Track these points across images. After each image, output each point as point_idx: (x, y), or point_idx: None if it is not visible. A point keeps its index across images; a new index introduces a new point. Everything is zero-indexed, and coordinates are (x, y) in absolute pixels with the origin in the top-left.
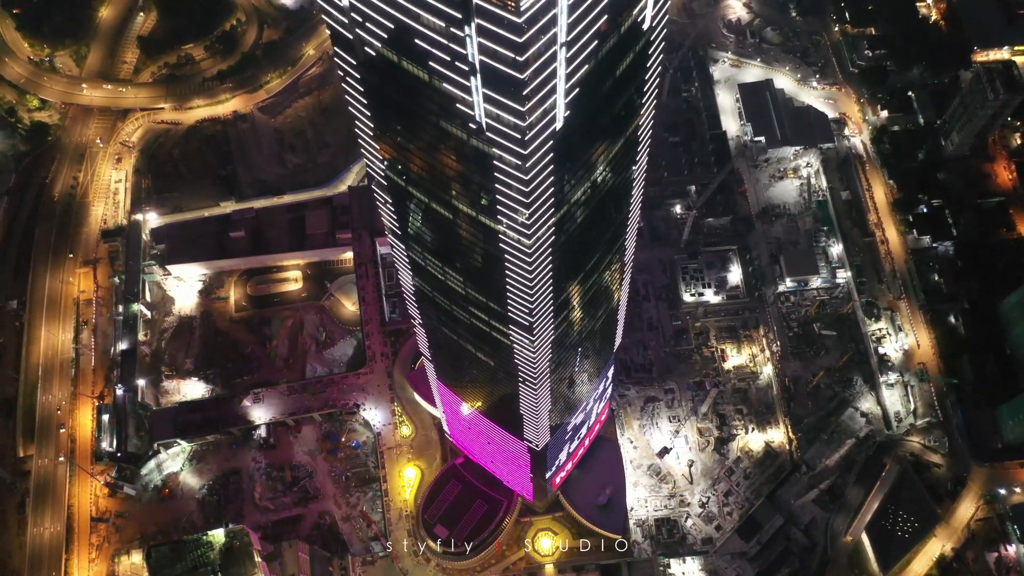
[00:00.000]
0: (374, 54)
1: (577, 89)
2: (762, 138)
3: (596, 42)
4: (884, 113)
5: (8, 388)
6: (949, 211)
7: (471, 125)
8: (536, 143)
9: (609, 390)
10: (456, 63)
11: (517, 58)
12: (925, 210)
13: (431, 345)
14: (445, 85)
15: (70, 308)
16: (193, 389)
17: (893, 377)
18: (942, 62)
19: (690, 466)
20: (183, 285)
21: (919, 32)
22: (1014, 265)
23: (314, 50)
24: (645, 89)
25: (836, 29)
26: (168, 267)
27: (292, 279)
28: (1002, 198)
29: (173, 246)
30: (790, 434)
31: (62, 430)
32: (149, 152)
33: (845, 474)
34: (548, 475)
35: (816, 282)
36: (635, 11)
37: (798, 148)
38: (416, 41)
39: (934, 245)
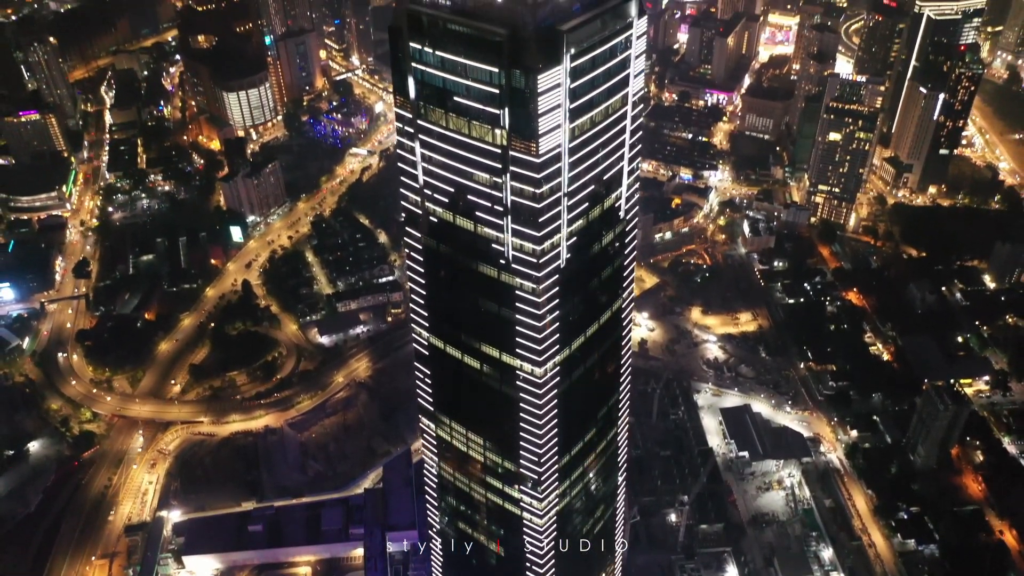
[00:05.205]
0: (435, 220)
1: (575, 238)
2: (745, 453)
3: (587, 203)
4: (854, 432)
5: None
6: (928, 517)
7: (501, 261)
8: (546, 271)
9: None
10: (494, 207)
11: (536, 191)
12: (906, 516)
13: (446, 561)
14: (486, 230)
15: None
16: None
17: None
18: (897, 392)
19: None
20: None
21: (874, 367)
22: (1000, 566)
23: (343, 378)
24: (624, 274)
25: (801, 366)
26: (183, 559)
27: (302, 575)
28: (976, 507)
29: (191, 538)
30: None
31: None
32: (183, 459)
33: None
34: None
35: None
36: (613, 196)
37: (779, 462)
38: (469, 197)
39: (919, 548)
